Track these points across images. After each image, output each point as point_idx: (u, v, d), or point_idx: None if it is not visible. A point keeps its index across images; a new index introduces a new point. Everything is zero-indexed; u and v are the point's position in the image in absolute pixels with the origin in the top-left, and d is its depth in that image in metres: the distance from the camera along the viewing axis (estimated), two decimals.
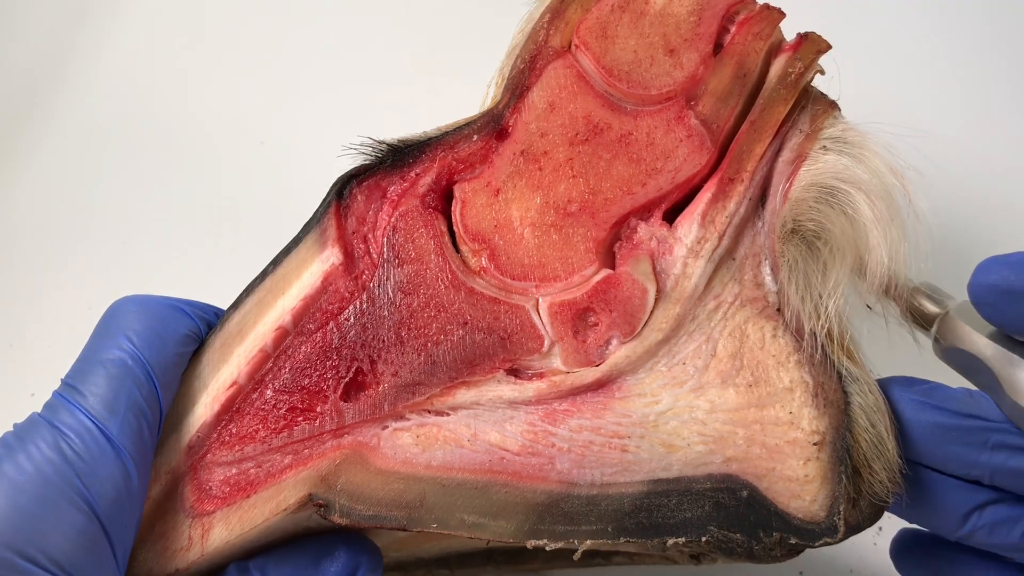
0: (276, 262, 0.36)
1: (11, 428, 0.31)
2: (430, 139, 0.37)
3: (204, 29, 0.63)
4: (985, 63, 0.58)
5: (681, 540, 0.33)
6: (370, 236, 0.36)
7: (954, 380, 0.35)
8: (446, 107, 0.46)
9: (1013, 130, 0.55)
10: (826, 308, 0.34)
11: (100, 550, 0.29)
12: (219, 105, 0.60)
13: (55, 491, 0.29)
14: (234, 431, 0.34)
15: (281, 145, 0.58)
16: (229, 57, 0.62)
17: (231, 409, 0.34)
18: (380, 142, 0.36)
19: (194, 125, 0.59)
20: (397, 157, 0.36)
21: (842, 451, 0.33)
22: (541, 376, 0.34)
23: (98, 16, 0.64)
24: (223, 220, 0.56)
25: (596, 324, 0.35)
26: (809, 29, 0.37)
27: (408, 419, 0.34)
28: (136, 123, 0.59)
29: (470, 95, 0.42)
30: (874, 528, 0.42)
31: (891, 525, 0.46)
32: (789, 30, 0.38)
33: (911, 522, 0.35)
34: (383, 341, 0.34)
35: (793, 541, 0.32)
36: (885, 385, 0.34)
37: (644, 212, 0.36)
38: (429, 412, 0.34)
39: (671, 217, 0.36)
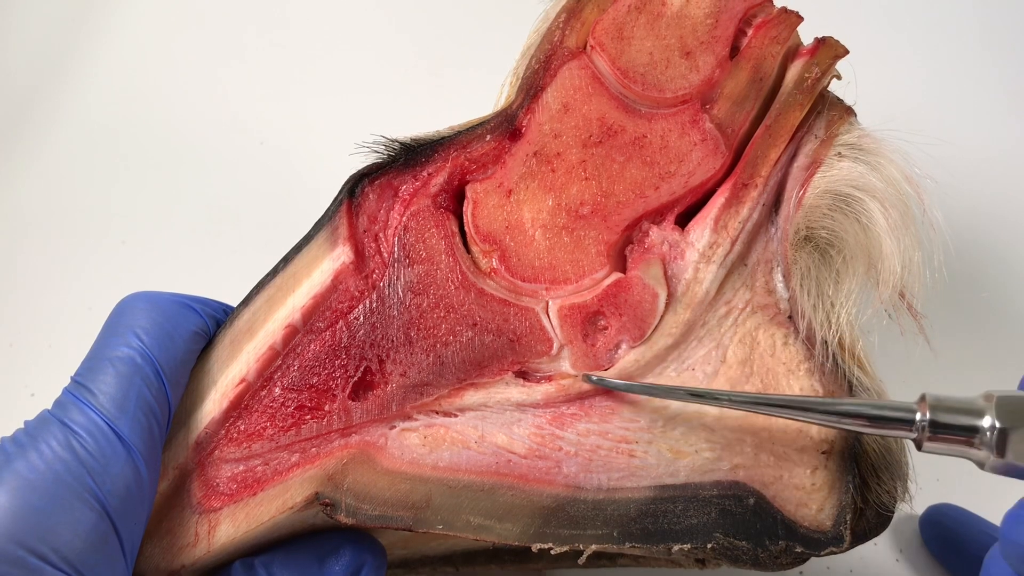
0: (287, 259, 0.35)
1: (17, 427, 0.31)
2: (443, 139, 0.36)
3: (204, 28, 0.63)
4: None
5: (686, 546, 0.33)
6: (381, 235, 0.35)
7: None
8: (453, 107, 0.45)
9: None
10: (838, 317, 0.33)
11: (110, 547, 0.29)
12: (219, 105, 0.59)
13: (67, 489, 0.29)
14: (242, 428, 0.34)
15: (281, 145, 0.58)
16: (229, 57, 0.61)
17: (240, 406, 0.34)
18: (393, 141, 0.36)
19: (194, 125, 0.59)
20: (410, 156, 0.36)
21: (850, 461, 0.33)
22: (550, 379, 0.34)
23: (98, 16, 0.63)
24: (223, 220, 0.56)
25: (606, 328, 0.34)
26: (826, 33, 0.37)
27: (416, 420, 0.34)
28: (136, 123, 0.59)
29: (481, 95, 0.42)
30: None
31: (891, 528, 0.46)
32: (806, 34, 0.37)
33: None
34: (392, 341, 0.34)
35: (799, 550, 0.32)
36: None
37: (656, 216, 0.35)
38: (437, 413, 0.34)
39: (684, 221, 0.35)
